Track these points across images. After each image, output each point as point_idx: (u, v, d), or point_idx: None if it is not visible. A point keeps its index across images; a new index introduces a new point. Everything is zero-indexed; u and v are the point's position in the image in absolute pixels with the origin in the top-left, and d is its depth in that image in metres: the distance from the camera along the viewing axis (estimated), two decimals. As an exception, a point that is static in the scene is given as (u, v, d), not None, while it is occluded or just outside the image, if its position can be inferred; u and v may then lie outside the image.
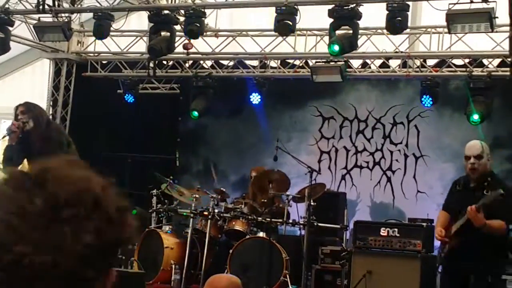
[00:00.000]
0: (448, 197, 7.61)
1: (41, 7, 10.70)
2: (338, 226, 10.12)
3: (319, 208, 9.81)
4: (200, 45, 12.14)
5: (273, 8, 9.86)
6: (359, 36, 10.00)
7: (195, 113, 12.21)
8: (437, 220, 7.63)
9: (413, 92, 11.68)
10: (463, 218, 6.98)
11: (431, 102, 11.08)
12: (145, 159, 12.45)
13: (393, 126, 11.99)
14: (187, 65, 13.03)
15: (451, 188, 7.60)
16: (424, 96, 11.11)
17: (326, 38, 10.43)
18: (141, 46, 12.75)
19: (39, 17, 11.34)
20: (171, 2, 10.67)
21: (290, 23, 9.58)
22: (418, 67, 11.49)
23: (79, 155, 7.60)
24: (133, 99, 13.00)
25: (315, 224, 9.65)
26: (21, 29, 12.16)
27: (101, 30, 10.77)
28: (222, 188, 10.74)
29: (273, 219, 9.81)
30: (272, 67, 12.50)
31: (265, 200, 10.14)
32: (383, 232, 8.83)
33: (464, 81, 11.05)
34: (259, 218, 9.89)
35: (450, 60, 11.32)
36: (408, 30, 10.45)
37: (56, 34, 11.03)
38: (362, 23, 9.68)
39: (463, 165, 7.32)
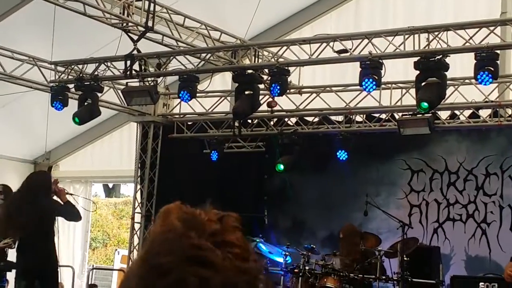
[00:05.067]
0: None
1: (128, 72, 10.89)
2: (434, 282, 9.83)
3: (413, 263, 9.58)
4: (284, 102, 12.15)
5: (357, 63, 9.79)
6: (446, 86, 9.79)
7: (281, 166, 12.17)
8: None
9: (506, 142, 11.38)
10: None
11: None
12: (233, 218, 12.42)
13: (486, 177, 11.65)
14: (272, 123, 13.06)
15: None
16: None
17: (412, 90, 10.24)
18: (226, 105, 12.87)
19: (126, 82, 11.58)
20: (255, 61, 10.70)
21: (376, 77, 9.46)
22: (510, 115, 11.19)
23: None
24: (219, 158, 13.07)
25: (410, 279, 9.42)
26: (109, 94, 12.45)
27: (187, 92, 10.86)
28: (312, 245, 10.59)
29: (365, 275, 9.59)
30: (357, 122, 12.39)
31: (357, 256, 9.95)
32: (482, 287, 8.53)
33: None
34: (351, 275, 9.69)
35: (543, 107, 11.01)
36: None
37: (143, 98, 11.17)
38: (449, 73, 9.47)
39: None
